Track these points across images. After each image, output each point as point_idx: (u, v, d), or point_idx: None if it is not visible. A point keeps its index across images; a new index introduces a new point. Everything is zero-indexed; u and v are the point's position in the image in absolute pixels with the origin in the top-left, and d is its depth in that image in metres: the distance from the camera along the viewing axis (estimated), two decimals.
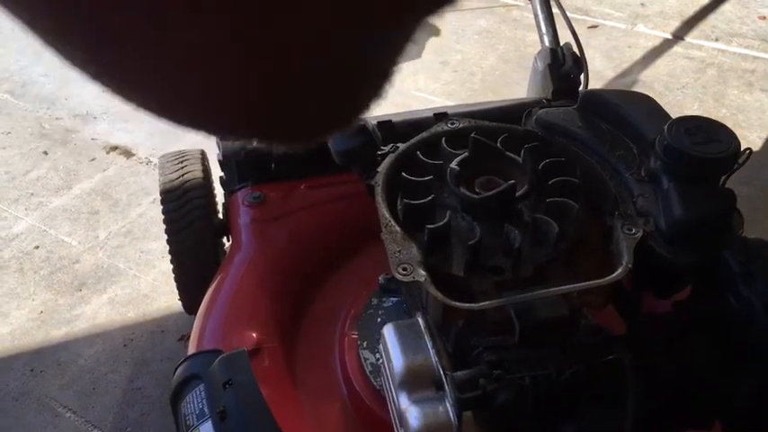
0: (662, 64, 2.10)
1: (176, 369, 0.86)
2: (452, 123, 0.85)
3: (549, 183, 0.74)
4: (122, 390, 1.20)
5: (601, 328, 0.70)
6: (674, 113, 0.78)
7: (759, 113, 1.85)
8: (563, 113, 0.85)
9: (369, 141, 0.80)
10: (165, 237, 1.12)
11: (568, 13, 1.24)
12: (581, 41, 1.18)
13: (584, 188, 0.75)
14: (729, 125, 0.74)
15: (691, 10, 2.37)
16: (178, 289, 1.17)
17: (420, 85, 2.02)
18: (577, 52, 1.17)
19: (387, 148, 0.81)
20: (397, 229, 0.70)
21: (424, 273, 0.66)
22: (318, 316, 0.96)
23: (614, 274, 0.66)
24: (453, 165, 0.75)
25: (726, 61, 2.09)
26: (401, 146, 0.82)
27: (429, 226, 0.69)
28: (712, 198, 0.71)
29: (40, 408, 1.19)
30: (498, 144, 0.79)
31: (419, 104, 1.88)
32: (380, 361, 0.72)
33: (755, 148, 1.71)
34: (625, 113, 0.81)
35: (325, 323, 0.94)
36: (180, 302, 1.21)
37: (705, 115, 0.75)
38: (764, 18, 2.31)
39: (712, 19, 2.32)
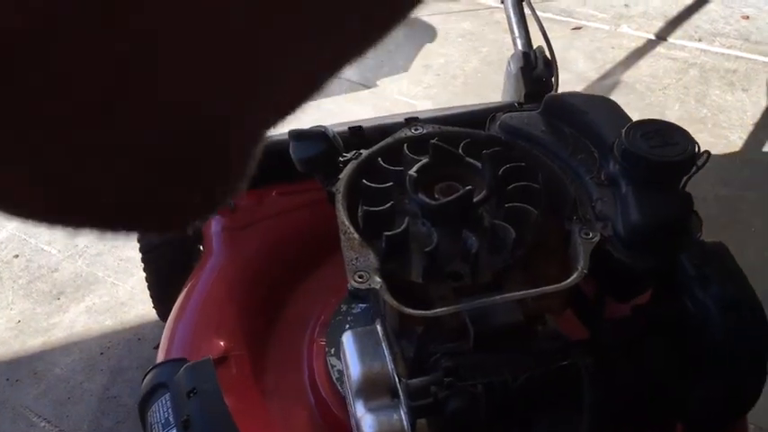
0: (644, 65, 2.11)
1: (144, 377, 0.87)
2: (416, 129, 0.85)
3: (509, 188, 0.74)
4: (98, 398, 1.20)
5: (559, 334, 0.70)
6: (656, 114, 0.78)
7: (740, 113, 1.85)
8: (527, 118, 0.85)
9: (330, 148, 0.80)
10: (138, 246, 1.12)
11: (552, 15, 1.25)
12: (564, 43, 1.19)
13: (544, 193, 0.75)
14: (710, 125, 0.74)
15: (674, 10, 2.38)
16: (152, 297, 1.18)
17: (403, 89, 2.03)
18: (548, 56, 1.17)
19: (350, 155, 0.82)
20: (356, 236, 0.71)
21: (379, 280, 0.66)
22: (288, 323, 0.96)
23: (568, 280, 0.66)
24: (412, 171, 0.75)
25: (708, 61, 2.10)
26: (364, 152, 0.82)
27: (386, 233, 0.69)
28: (669, 202, 0.71)
29: (15, 417, 1.19)
30: (460, 149, 0.80)
31: (401, 108, 1.88)
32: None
33: (736, 148, 1.71)
34: (586, 117, 0.81)
35: (295, 330, 0.94)
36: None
37: (687, 116, 0.75)
38: (747, 18, 2.31)
39: (696, 19, 2.33)
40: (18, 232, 1.59)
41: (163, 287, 1.13)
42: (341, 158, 0.81)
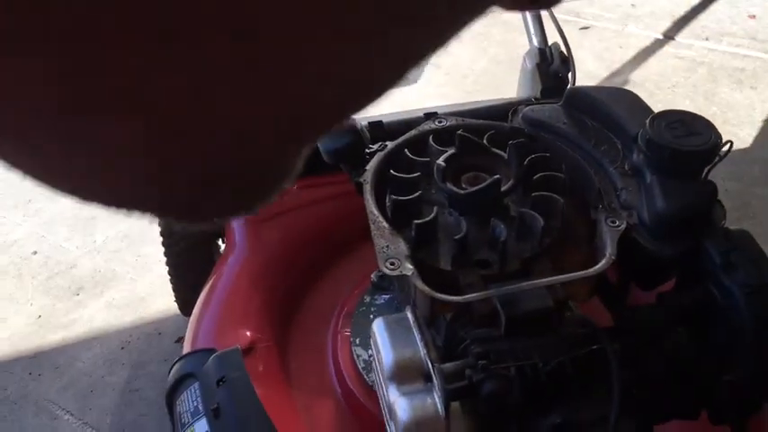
0: (653, 63, 2.12)
1: (171, 368, 0.88)
2: (440, 121, 0.86)
3: (535, 178, 0.76)
4: (120, 392, 1.22)
5: (587, 321, 0.71)
6: None
7: (749, 110, 1.87)
8: (549, 110, 0.86)
9: (357, 140, 0.81)
10: (161, 240, 1.13)
11: (560, 15, 1.25)
12: (573, 43, 1.20)
13: (569, 182, 0.76)
14: (719, 123, 0.75)
15: (681, 10, 2.39)
16: (174, 291, 1.19)
17: (414, 88, 2.04)
18: (565, 52, 1.18)
19: (375, 147, 0.83)
20: (385, 225, 0.72)
21: (411, 267, 0.67)
22: (312, 314, 0.97)
23: (597, 266, 0.67)
24: (440, 161, 0.76)
25: (716, 60, 2.11)
26: (390, 144, 0.83)
27: (416, 221, 0.71)
28: (694, 191, 0.72)
29: (39, 410, 1.20)
30: (485, 141, 0.81)
31: (413, 107, 1.89)
32: (372, 357, 0.73)
33: (745, 144, 1.73)
34: (609, 109, 0.82)
35: (319, 321, 0.96)
36: (176, 304, 1.23)
37: (696, 113, 0.76)
38: (754, 17, 2.33)
39: (702, 18, 2.34)
40: (36, 229, 1.61)
41: (186, 281, 1.14)
42: (367, 150, 0.82)
